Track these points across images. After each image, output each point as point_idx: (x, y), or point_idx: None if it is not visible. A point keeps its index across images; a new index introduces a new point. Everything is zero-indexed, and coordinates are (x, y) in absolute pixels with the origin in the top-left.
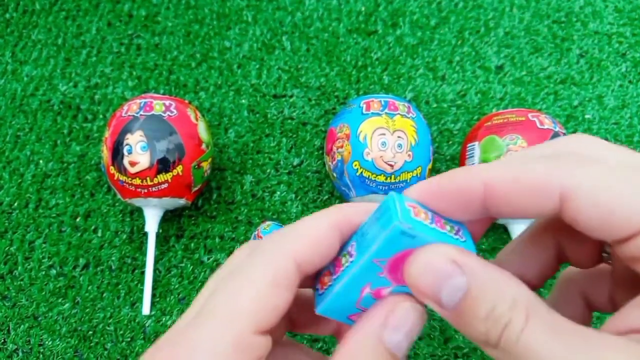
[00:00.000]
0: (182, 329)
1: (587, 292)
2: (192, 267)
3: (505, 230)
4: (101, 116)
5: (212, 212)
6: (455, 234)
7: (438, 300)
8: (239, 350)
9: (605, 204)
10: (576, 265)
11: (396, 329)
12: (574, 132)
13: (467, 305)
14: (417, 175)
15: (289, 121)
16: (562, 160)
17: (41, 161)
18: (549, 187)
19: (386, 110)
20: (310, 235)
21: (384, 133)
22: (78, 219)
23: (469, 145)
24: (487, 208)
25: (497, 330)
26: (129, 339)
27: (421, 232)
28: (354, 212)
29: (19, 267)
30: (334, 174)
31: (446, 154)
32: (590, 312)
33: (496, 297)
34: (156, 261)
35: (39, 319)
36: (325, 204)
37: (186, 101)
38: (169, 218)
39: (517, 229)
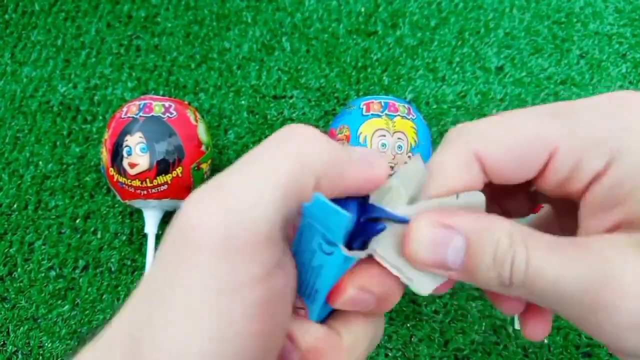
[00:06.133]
0: (221, 177)
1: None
2: None
3: None
4: (100, 117)
5: None
6: None
7: (445, 266)
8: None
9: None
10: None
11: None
12: None
13: (473, 260)
14: None
15: (289, 122)
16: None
17: (40, 162)
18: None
19: (386, 112)
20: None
21: (384, 134)
22: (77, 221)
23: None
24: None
25: (506, 271)
26: None
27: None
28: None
29: (19, 269)
30: None
31: None
32: None
33: (494, 241)
34: None
35: (39, 320)
36: None
37: (186, 102)
38: (169, 219)
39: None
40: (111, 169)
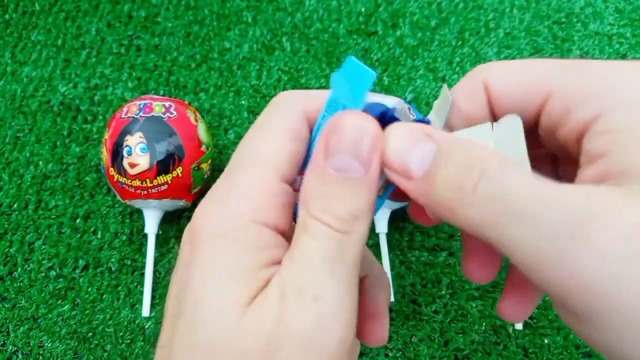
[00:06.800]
0: (218, 185)
1: None
2: None
3: None
4: (101, 117)
5: None
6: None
7: (407, 169)
8: (265, 192)
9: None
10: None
11: (336, 152)
12: None
13: (436, 165)
14: None
15: None
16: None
17: (41, 162)
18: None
19: None
20: (321, 96)
21: None
22: (78, 221)
23: None
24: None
25: (473, 178)
26: (128, 341)
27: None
28: None
29: (19, 269)
30: None
31: None
32: None
33: (466, 151)
34: (156, 263)
35: (39, 320)
36: None
37: (186, 102)
38: (169, 219)
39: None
40: (111, 168)
